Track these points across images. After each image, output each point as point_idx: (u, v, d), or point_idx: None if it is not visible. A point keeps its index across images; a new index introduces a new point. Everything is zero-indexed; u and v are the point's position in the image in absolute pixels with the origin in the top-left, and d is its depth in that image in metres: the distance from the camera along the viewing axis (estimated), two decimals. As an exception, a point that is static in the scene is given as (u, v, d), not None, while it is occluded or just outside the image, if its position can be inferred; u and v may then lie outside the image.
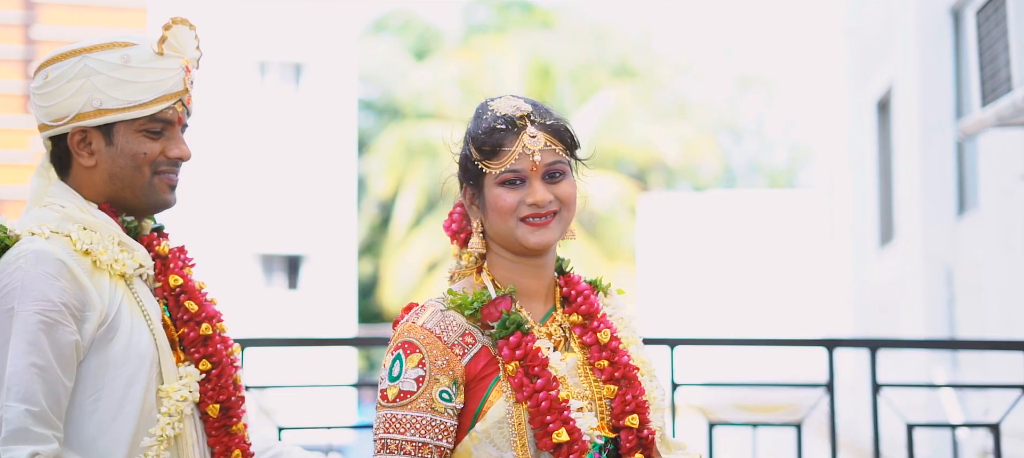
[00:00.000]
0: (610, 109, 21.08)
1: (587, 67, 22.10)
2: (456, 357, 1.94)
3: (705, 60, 25.92)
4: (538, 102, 2.04)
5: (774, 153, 25.84)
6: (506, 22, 23.04)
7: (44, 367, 2.02)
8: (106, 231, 2.15)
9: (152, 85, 2.16)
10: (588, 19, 23.37)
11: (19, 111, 8.55)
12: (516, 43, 21.62)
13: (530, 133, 1.98)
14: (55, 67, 2.17)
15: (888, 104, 10.08)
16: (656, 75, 23.38)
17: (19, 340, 2.02)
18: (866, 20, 10.76)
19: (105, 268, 2.12)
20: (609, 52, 22.68)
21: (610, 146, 21.27)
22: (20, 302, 2.03)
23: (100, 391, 2.08)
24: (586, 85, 21.83)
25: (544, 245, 1.99)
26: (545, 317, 2.03)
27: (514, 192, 1.98)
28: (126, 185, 2.18)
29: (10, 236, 2.13)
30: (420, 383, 1.91)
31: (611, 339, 2.01)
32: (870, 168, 10.65)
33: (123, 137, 2.17)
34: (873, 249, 10.69)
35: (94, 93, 2.14)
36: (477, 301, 1.96)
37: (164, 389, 2.11)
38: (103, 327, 2.09)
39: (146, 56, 2.17)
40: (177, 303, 2.18)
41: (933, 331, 8.20)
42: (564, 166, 2.01)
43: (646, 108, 22.18)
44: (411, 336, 1.95)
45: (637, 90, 22.25)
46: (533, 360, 1.92)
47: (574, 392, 1.97)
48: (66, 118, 2.16)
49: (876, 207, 10.48)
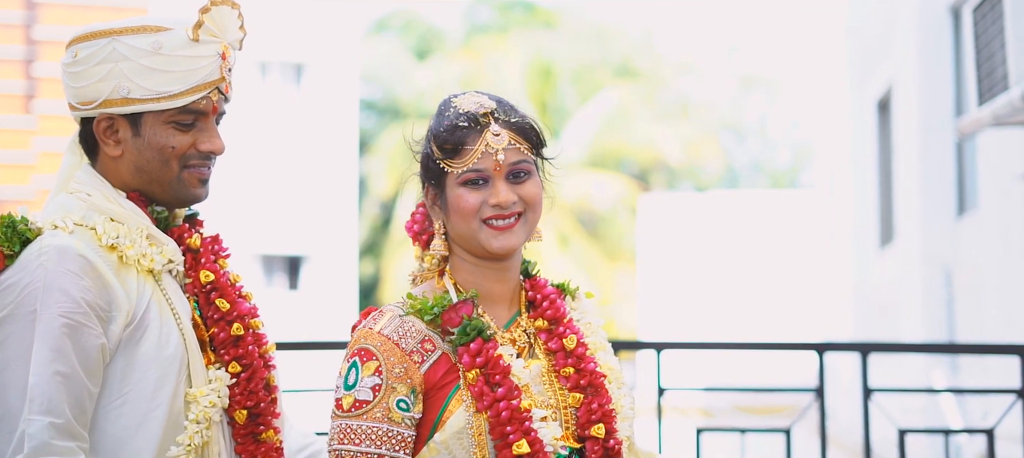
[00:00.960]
0: (612, 109, 21.01)
1: (589, 67, 22.03)
2: (414, 365, 1.86)
3: (707, 60, 25.85)
4: (503, 99, 1.94)
5: (777, 153, 25.76)
6: (508, 22, 22.98)
7: (68, 375, 1.89)
8: (134, 223, 2.01)
9: (184, 74, 2.00)
10: (590, 19, 23.30)
11: (20, 111, 8.51)
12: (518, 43, 21.56)
13: (494, 131, 1.90)
14: (85, 46, 2.03)
15: (888, 104, 10.01)
16: (658, 75, 23.30)
17: (42, 346, 1.89)
18: (867, 19, 10.68)
19: (132, 264, 1.98)
20: (611, 52, 22.60)
21: (612, 146, 21.20)
22: (43, 304, 1.90)
23: (126, 395, 1.95)
24: (588, 85, 21.76)
25: (508, 250, 1.91)
26: (509, 322, 1.95)
27: (477, 192, 1.90)
28: (153, 179, 2.04)
29: (31, 229, 1.98)
30: (376, 392, 1.83)
31: (577, 345, 1.93)
32: (871, 168, 10.58)
33: (150, 128, 2.02)
34: (873, 250, 10.61)
35: (122, 80, 2.00)
36: (437, 306, 1.88)
37: (192, 393, 1.98)
38: (130, 328, 1.96)
39: (179, 43, 2.01)
40: (208, 301, 2.04)
41: (932, 333, 8.12)
42: (529, 166, 1.93)
43: (648, 108, 22.10)
44: (367, 343, 1.87)
45: (639, 90, 22.17)
46: (494, 368, 1.84)
47: (538, 401, 1.89)
48: (94, 102, 2.02)
49: (876, 208, 10.40)
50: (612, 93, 21.25)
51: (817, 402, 3.77)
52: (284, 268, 20.51)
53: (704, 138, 22.45)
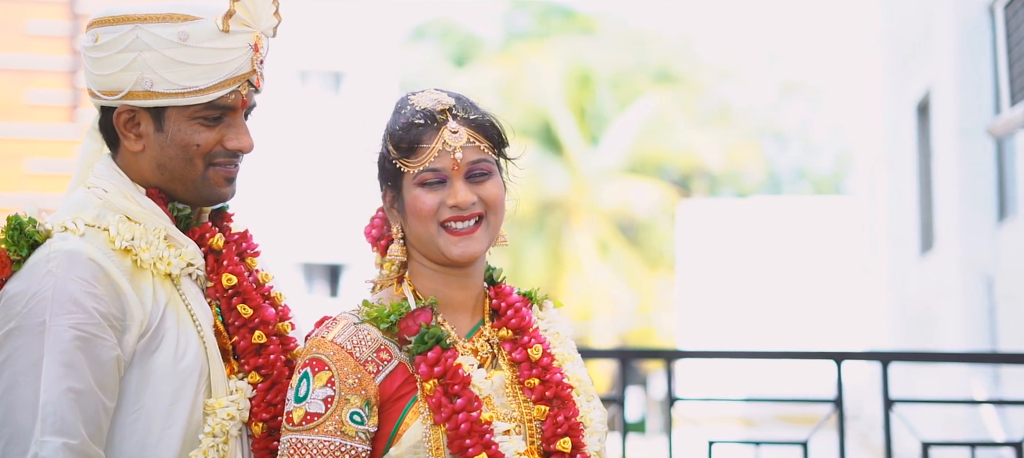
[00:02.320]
0: (651, 115, 20.85)
1: (628, 73, 21.89)
2: (369, 375, 1.76)
3: (748, 65, 25.60)
4: (463, 96, 1.85)
5: (820, 159, 25.45)
6: (546, 29, 22.91)
7: (82, 391, 1.75)
8: (151, 223, 1.86)
9: (212, 68, 1.85)
10: (629, 25, 23.17)
11: (65, 121, 8.59)
12: (556, 50, 21.47)
13: (451, 128, 1.80)
14: (106, 30, 1.87)
15: (927, 107, 9.80)
16: (698, 80, 23.10)
17: (53, 361, 1.74)
18: (907, 20, 10.48)
19: (148, 268, 1.84)
20: (650, 58, 22.45)
21: (651, 153, 21.04)
22: (52, 314, 1.76)
23: (141, 409, 1.81)
24: (627, 91, 21.62)
25: (468, 257, 1.81)
26: (471, 332, 1.84)
27: (434, 193, 1.80)
28: (175, 177, 1.89)
29: (39, 231, 1.84)
30: (329, 404, 1.74)
31: (543, 355, 1.82)
32: (910, 173, 10.37)
33: (174, 124, 1.87)
34: (913, 257, 10.39)
35: (145, 71, 1.84)
36: (394, 313, 1.78)
37: (210, 404, 1.84)
38: (145, 337, 1.82)
39: (208, 33, 1.85)
40: (230, 306, 1.89)
41: (973, 341, 7.90)
42: (489, 165, 1.83)
43: (688, 114, 21.91)
44: (320, 352, 1.77)
45: (679, 96, 22.00)
46: (453, 378, 1.74)
47: (501, 413, 1.78)
48: (117, 94, 1.86)
49: (916, 214, 10.19)
50: (651, 99, 21.09)
51: (836, 412, 3.64)
52: (325, 276, 20.58)
53: (745, 144, 22.23)
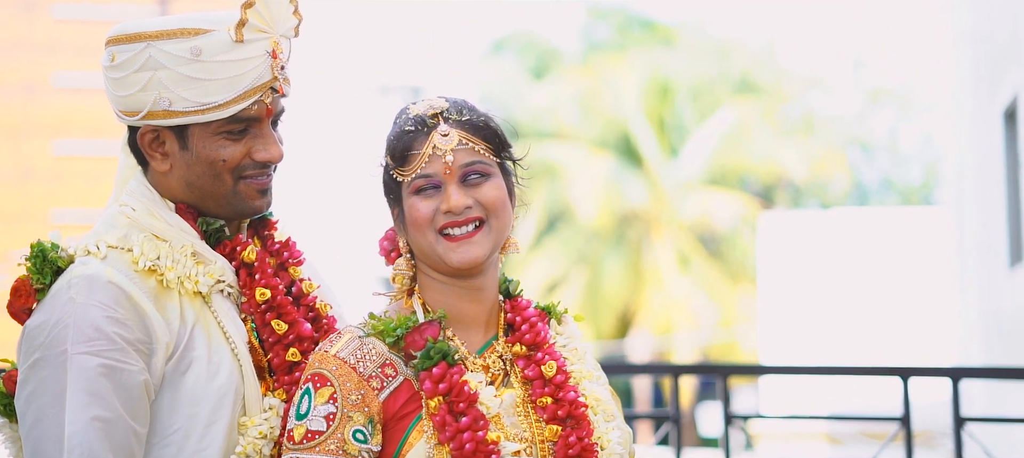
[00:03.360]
0: (732, 125, 20.54)
1: (708, 83, 21.62)
2: (372, 392, 1.69)
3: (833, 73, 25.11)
4: (459, 99, 1.78)
5: (908, 169, 24.82)
6: (626, 40, 22.75)
7: (110, 420, 1.69)
8: (178, 241, 1.81)
9: (229, 81, 1.78)
10: (710, 34, 22.87)
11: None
12: (635, 61, 21.30)
13: (441, 131, 1.73)
14: (121, 49, 1.81)
15: (1015, 114, 9.47)
16: (781, 90, 22.70)
17: (77, 390, 1.69)
18: (994, 26, 10.15)
19: (174, 287, 1.78)
20: (731, 67, 22.14)
21: (732, 164, 20.72)
22: (73, 343, 1.70)
23: (174, 431, 1.75)
24: (707, 102, 21.34)
25: (469, 263, 1.72)
26: (484, 347, 1.76)
27: (428, 200, 1.73)
28: (206, 194, 1.83)
29: (62, 257, 1.79)
30: (330, 421, 1.66)
31: (557, 373, 1.73)
32: (998, 183, 10.02)
33: (198, 141, 1.81)
34: (1003, 269, 10.03)
35: (162, 90, 1.78)
36: (401, 326, 1.70)
37: (243, 422, 1.78)
38: (173, 359, 1.75)
39: (221, 46, 1.78)
40: (264, 322, 1.81)
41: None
42: (486, 166, 1.75)
43: (770, 124, 21.54)
44: (322, 367, 1.70)
45: (761, 105, 21.64)
46: (459, 395, 1.66)
47: (511, 433, 1.70)
48: (138, 114, 1.81)
49: (1005, 224, 9.83)
50: (732, 109, 20.79)
51: (903, 431, 3.48)
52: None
53: (830, 154, 21.76)
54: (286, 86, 1.86)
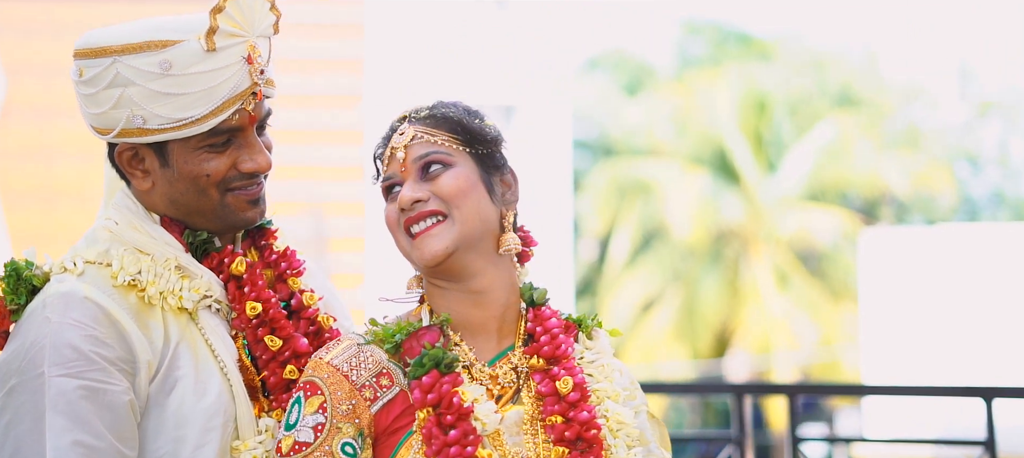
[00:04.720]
0: (832, 140, 20.08)
1: (806, 98, 21.18)
2: (364, 402, 1.59)
3: (938, 85, 24.37)
4: (448, 101, 1.71)
5: (1020, 183, 23.94)
6: (721, 55, 22.46)
7: (92, 445, 1.60)
8: (162, 254, 1.72)
9: (205, 94, 1.67)
10: (808, 47, 22.43)
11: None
12: (731, 76, 21.00)
13: (399, 132, 1.67)
14: (88, 64, 1.71)
15: None
16: (883, 102, 22.10)
17: (56, 414, 1.60)
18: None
19: (156, 303, 1.69)
20: (830, 81, 21.65)
21: (832, 179, 20.25)
22: (50, 365, 1.61)
23: (160, 457, 1.66)
24: (805, 116, 20.90)
25: (431, 257, 1.63)
26: (498, 357, 1.65)
27: (393, 202, 1.68)
28: (192, 210, 1.74)
29: (37, 275, 1.71)
30: (318, 432, 1.58)
31: (573, 390, 1.60)
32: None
33: (179, 157, 1.72)
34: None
35: (133, 107, 1.68)
36: (400, 332, 1.60)
37: (236, 446, 1.69)
38: (156, 379, 1.67)
39: (193, 56, 1.67)
40: (256, 338, 1.72)
41: None
42: (445, 156, 1.66)
43: (871, 138, 20.99)
44: (315, 374, 1.62)
45: (862, 119, 21.11)
46: (448, 407, 1.55)
47: (511, 452, 1.58)
48: (112, 131, 1.72)
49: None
50: (832, 123, 20.33)
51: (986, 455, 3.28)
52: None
53: (935, 168, 21.11)
54: (268, 89, 1.76)
